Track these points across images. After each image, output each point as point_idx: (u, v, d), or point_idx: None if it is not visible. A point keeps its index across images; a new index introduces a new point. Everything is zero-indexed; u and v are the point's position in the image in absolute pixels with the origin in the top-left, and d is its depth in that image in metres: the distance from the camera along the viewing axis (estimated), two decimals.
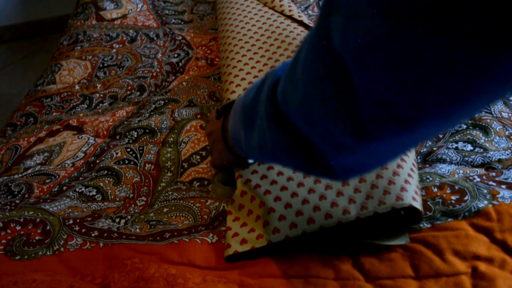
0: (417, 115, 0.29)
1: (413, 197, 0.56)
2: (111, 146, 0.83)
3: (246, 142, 0.51)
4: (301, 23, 0.95)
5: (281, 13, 0.98)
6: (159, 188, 0.73)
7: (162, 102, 0.92)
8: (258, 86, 0.48)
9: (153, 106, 0.91)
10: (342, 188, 0.59)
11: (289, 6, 0.99)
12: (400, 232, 0.59)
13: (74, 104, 0.97)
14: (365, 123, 0.30)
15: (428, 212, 0.62)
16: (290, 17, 0.97)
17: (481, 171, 0.67)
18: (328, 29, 0.31)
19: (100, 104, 0.96)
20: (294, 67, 0.37)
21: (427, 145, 0.74)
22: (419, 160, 0.72)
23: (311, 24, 0.93)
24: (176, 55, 1.07)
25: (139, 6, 1.28)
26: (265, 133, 0.43)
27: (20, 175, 0.79)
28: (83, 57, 1.11)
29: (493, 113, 0.77)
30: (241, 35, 0.92)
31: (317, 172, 0.40)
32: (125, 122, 0.88)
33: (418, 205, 0.56)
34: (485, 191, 0.62)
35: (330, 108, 0.33)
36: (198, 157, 0.78)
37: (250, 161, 0.66)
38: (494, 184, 0.63)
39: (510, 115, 0.77)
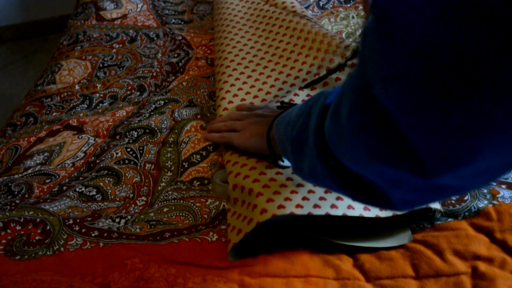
0: (473, 152, 0.27)
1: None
2: (111, 146, 0.83)
3: (295, 165, 0.49)
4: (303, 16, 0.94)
5: (283, 9, 0.98)
6: (159, 188, 0.73)
7: (162, 102, 0.92)
8: (307, 113, 0.45)
9: (153, 106, 0.91)
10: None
11: (292, 2, 0.98)
12: (400, 230, 0.59)
13: (74, 104, 0.97)
14: (425, 163, 0.29)
15: (428, 212, 0.62)
16: (293, 12, 0.96)
17: None
18: (366, 77, 0.30)
19: (100, 104, 0.96)
20: (338, 110, 0.36)
21: None
22: None
23: (313, 20, 0.92)
24: (176, 55, 1.07)
25: (139, 6, 1.28)
26: (315, 164, 0.41)
27: (20, 175, 0.78)
28: (83, 57, 1.11)
29: None
30: (235, 42, 0.93)
31: (375, 205, 0.38)
32: (125, 122, 0.88)
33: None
34: (485, 191, 0.62)
35: (381, 155, 0.31)
36: (198, 156, 0.78)
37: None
38: (494, 184, 0.63)
39: None
